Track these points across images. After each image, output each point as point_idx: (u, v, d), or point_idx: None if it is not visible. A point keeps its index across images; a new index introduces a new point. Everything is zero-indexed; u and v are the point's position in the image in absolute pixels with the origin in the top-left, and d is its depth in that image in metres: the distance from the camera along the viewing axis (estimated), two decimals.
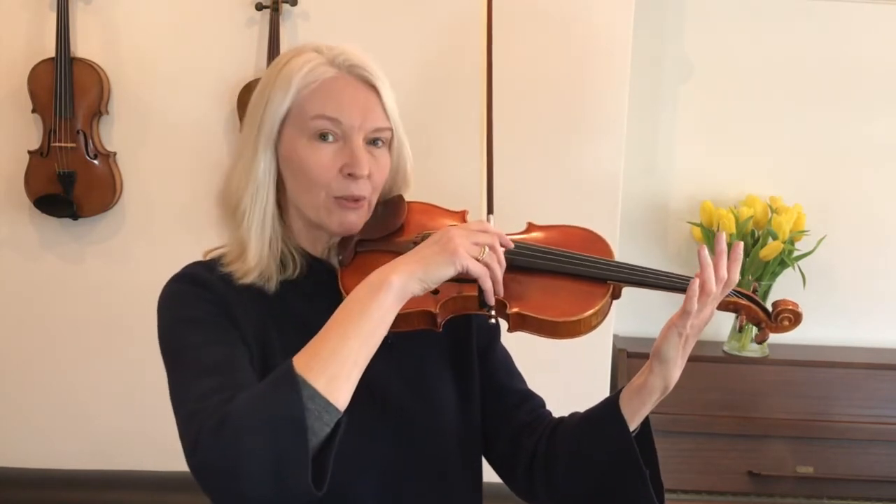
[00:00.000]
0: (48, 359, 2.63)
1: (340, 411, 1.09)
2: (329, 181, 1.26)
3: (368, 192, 1.29)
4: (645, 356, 2.76)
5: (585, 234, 1.38)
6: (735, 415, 2.56)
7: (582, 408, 1.52)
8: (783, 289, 2.72)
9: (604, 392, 2.61)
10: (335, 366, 1.09)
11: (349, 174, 1.26)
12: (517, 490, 1.44)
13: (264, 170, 1.28)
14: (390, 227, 1.33)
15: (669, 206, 2.92)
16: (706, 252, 1.23)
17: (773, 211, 2.74)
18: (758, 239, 2.73)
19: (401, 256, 1.19)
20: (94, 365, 2.62)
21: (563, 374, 2.45)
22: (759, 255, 2.67)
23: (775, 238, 2.67)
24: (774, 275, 2.73)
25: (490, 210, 1.31)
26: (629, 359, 2.64)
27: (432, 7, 2.50)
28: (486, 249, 1.19)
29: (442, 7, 2.50)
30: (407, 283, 1.15)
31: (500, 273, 1.21)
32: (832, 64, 2.85)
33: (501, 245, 1.23)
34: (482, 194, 1.31)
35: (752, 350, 2.70)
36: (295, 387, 1.06)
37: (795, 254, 2.74)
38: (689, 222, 2.86)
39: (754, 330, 1.35)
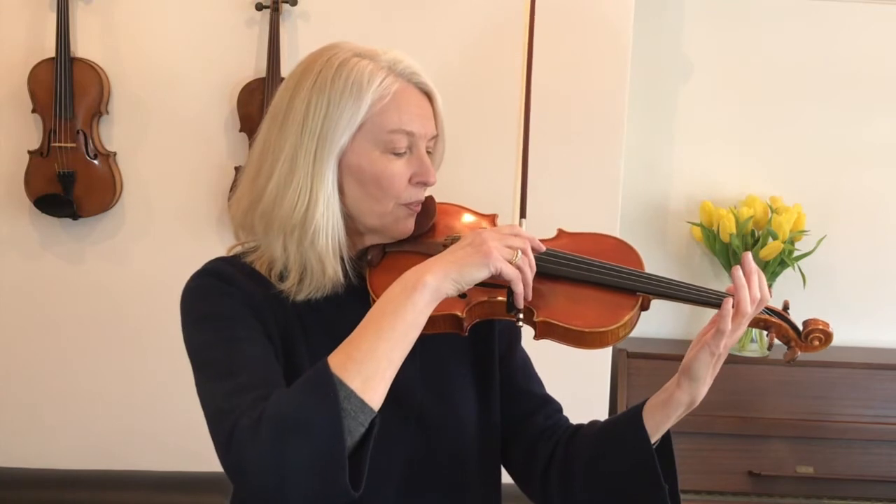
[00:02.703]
0: (48, 359, 2.63)
1: (375, 411, 1.09)
2: (401, 191, 1.27)
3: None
4: (645, 356, 2.77)
5: (616, 244, 1.36)
6: (735, 415, 2.56)
7: (581, 407, 1.52)
8: (783, 289, 2.72)
9: (604, 392, 2.61)
10: (370, 366, 1.09)
11: (419, 182, 1.28)
12: (531, 495, 1.43)
13: (332, 183, 1.25)
14: (420, 228, 1.33)
15: (669, 206, 2.92)
16: (741, 272, 1.22)
17: (773, 211, 2.74)
18: (758, 239, 2.73)
19: (434, 257, 1.18)
20: (94, 365, 2.62)
21: (563, 373, 2.43)
22: (760, 255, 2.67)
23: (775, 238, 2.67)
24: (774, 275, 2.73)
25: (523, 214, 1.30)
26: (629, 359, 2.64)
27: (431, 8, 2.50)
28: (519, 253, 1.19)
29: (442, 8, 2.50)
30: (441, 284, 1.14)
31: (531, 277, 1.20)
32: (832, 64, 2.85)
33: (533, 249, 1.22)
34: (515, 197, 1.30)
35: (752, 350, 2.70)
36: (331, 387, 1.07)
37: (795, 254, 2.74)
38: (689, 222, 2.86)
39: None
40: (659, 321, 2.82)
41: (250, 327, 1.21)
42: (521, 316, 1.22)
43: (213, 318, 1.23)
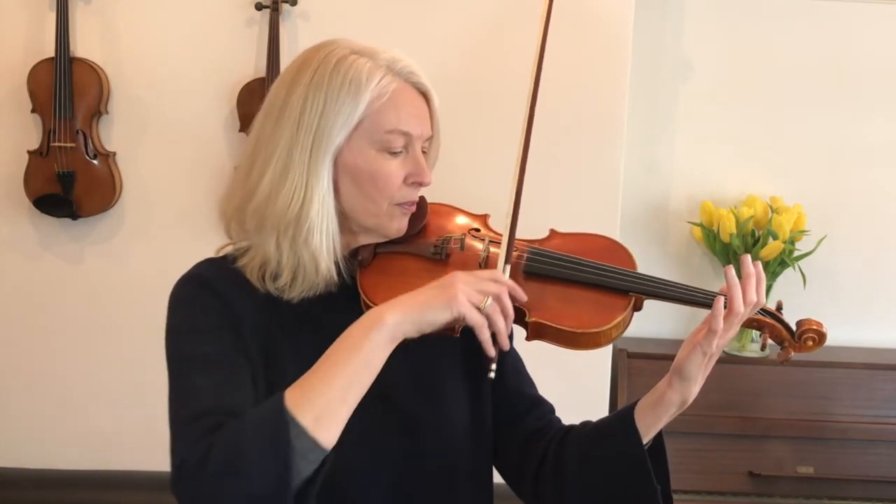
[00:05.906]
0: (48, 359, 2.63)
1: (327, 450, 1.08)
2: (396, 191, 1.26)
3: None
4: (645, 356, 2.77)
5: (608, 244, 1.36)
6: (735, 415, 2.56)
7: (581, 407, 1.51)
8: (783, 289, 2.72)
9: (604, 392, 2.61)
10: (323, 403, 1.08)
11: (414, 183, 1.27)
12: (523, 496, 1.42)
13: (328, 181, 1.23)
14: (411, 229, 1.32)
15: (669, 206, 2.92)
16: (733, 272, 1.21)
17: (773, 211, 2.74)
18: (758, 239, 2.72)
19: (401, 296, 1.16)
20: (93, 365, 2.62)
21: (563, 373, 2.44)
22: (760, 254, 2.67)
23: (776, 238, 2.67)
24: (775, 275, 2.72)
25: (508, 259, 1.25)
26: (629, 359, 2.64)
27: (431, 8, 2.50)
28: (490, 300, 1.16)
29: (441, 9, 2.50)
30: (400, 324, 1.13)
31: (502, 325, 1.17)
32: (832, 64, 2.85)
33: (514, 298, 1.19)
34: (505, 234, 1.28)
35: (753, 350, 2.70)
36: (283, 425, 1.06)
37: (796, 254, 2.74)
38: (689, 222, 2.86)
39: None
40: (659, 321, 2.82)
41: (227, 344, 1.21)
42: (493, 366, 1.18)
43: (191, 332, 1.22)
